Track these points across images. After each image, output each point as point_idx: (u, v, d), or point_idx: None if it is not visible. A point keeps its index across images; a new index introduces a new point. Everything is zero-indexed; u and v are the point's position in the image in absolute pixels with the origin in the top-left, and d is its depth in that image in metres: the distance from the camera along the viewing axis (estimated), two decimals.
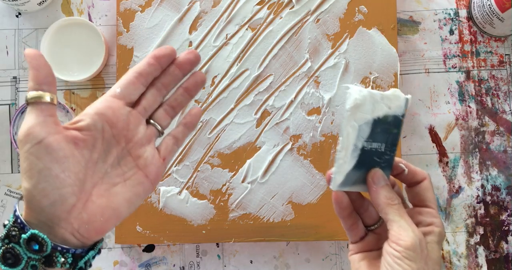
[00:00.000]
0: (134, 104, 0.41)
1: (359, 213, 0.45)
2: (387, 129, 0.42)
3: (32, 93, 0.36)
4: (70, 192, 0.36)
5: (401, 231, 0.39)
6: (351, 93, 0.41)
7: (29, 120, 0.36)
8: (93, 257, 0.39)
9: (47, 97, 0.37)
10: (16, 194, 0.66)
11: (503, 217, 0.66)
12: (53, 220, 0.36)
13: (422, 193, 0.43)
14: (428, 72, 0.68)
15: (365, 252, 0.44)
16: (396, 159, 0.43)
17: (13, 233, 0.36)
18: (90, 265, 0.39)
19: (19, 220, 0.36)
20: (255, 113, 0.64)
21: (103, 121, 0.39)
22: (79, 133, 0.38)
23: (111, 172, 0.39)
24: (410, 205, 0.44)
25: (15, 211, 0.37)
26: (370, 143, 0.41)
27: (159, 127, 0.42)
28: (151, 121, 0.42)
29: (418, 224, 0.42)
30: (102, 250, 0.66)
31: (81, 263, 0.38)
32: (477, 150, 0.67)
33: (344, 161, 0.41)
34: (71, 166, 0.36)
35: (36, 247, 0.35)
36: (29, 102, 0.37)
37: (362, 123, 0.41)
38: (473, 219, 0.66)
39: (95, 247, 0.39)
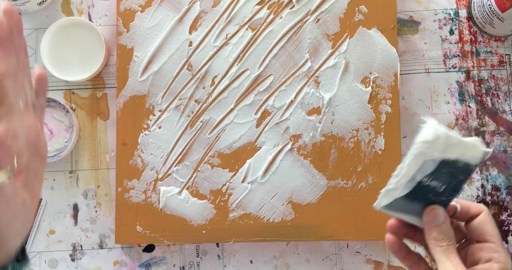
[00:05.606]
0: None
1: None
2: (453, 174, 0.40)
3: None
4: None
5: None
6: (425, 128, 0.40)
7: None
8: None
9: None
10: None
11: (503, 217, 0.66)
12: None
13: (480, 227, 0.41)
14: (428, 72, 0.68)
15: None
16: None
17: None
18: None
19: None
20: (255, 113, 0.64)
21: None
22: None
23: None
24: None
25: None
26: (430, 180, 0.40)
27: None
28: None
29: (478, 261, 0.40)
30: (102, 250, 0.66)
31: None
32: None
33: (395, 187, 0.41)
34: None
35: None
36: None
37: (428, 160, 0.39)
38: None
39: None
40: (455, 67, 0.68)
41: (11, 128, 0.34)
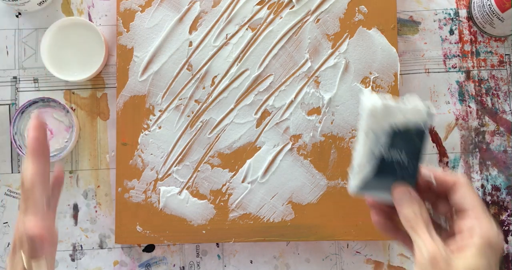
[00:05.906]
0: None
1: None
2: (409, 140, 0.40)
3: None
4: None
5: (416, 249, 0.38)
6: (364, 99, 0.40)
7: None
8: None
9: None
10: (16, 193, 0.66)
11: (503, 217, 0.66)
12: None
13: (461, 201, 0.40)
14: (428, 72, 0.68)
15: None
16: (422, 169, 0.41)
17: None
18: None
19: None
20: (255, 113, 0.64)
21: None
22: None
23: None
24: None
25: None
26: (389, 152, 0.40)
27: None
28: None
29: (459, 233, 0.39)
30: (102, 250, 0.66)
31: None
32: (477, 150, 0.67)
33: (359, 168, 0.40)
34: None
35: None
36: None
37: (379, 132, 0.39)
38: None
39: None
40: (455, 67, 0.68)
41: (42, 225, 0.43)
